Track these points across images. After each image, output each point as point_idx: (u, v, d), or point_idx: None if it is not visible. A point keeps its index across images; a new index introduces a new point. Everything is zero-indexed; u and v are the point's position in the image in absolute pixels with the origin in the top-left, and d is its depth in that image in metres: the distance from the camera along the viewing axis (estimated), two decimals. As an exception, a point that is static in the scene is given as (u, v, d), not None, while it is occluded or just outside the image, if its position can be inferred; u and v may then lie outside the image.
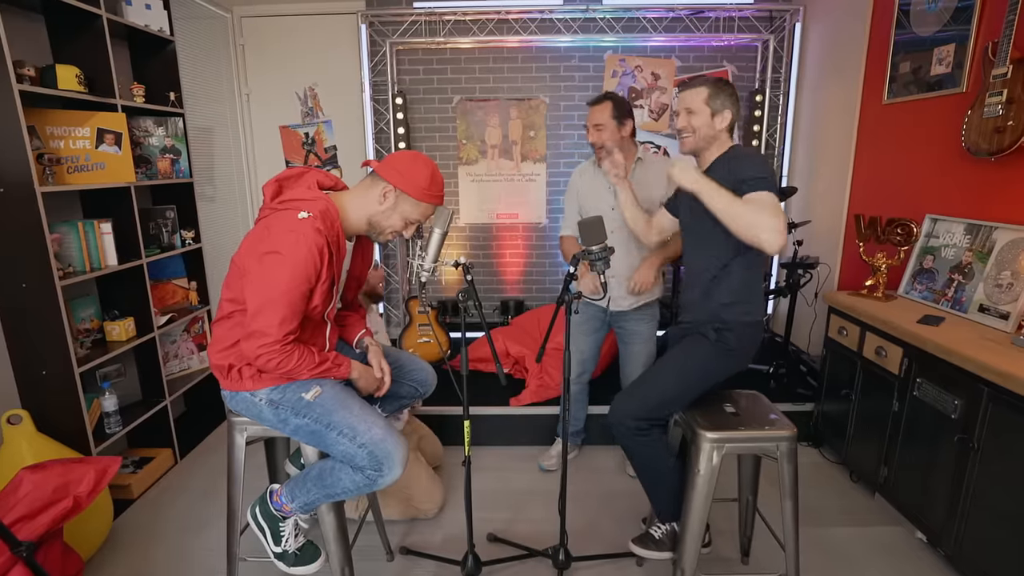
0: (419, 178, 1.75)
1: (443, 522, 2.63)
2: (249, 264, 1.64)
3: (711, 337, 2.03)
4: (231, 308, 1.75)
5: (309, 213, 1.62)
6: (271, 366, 1.65)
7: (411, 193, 1.75)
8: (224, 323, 1.77)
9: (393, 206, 1.77)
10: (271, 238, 1.60)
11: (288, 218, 1.62)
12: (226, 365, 1.76)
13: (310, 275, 1.62)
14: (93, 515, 2.32)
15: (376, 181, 1.77)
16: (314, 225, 1.61)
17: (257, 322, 1.60)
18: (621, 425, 2.03)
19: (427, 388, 2.18)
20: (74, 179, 2.62)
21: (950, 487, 2.18)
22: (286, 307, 1.60)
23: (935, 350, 2.23)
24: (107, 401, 2.70)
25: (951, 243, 2.65)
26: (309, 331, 1.77)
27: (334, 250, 1.68)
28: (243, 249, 1.69)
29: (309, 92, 4.34)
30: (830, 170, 3.74)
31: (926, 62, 2.88)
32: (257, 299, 1.61)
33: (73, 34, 2.67)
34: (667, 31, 4.09)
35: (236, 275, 1.72)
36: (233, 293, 1.73)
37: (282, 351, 1.63)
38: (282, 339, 1.62)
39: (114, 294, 2.94)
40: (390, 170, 1.75)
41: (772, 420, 1.99)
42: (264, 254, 1.60)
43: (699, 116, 2.02)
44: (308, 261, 1.60)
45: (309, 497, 1.82)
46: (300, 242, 1.58)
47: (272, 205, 1.70)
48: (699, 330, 2.08)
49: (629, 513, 2.66)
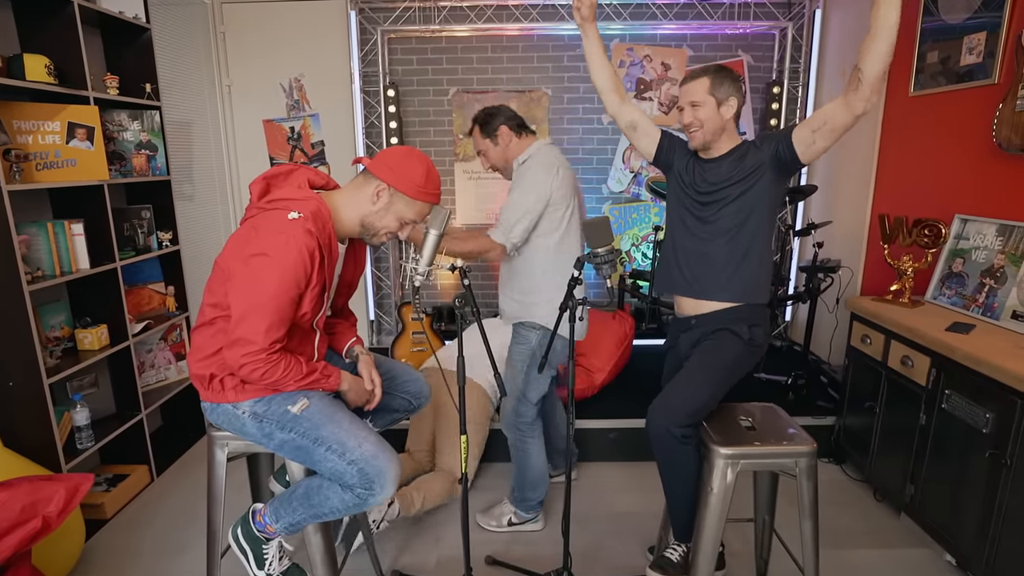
0: (414, 175, 1.76)
1: (438, 543, 2.64)
2: (234, 267, 1.64)
3: (744, 336, 2.06)
4: (214, 314, 1.75)
5: (300, 213, 1.62)
6: (255, 376, 1.65)
7: (406, 191, 1.76)
8: (205, 330, 1.77)
9: (387, 206, 1.78)
10: (258, 239, 1.61)
11: (277, 219, 1.62)
12: (207, 375, 1.76)
13: (299, 280, 1.62)
14: (63, 536, 2.32)
15: (368, 179, 1.78)
16: (305, 226, 1.61)
17: (241, 329, 1.61)
18: (667, 435, 2.00)
19: (421, 400, 2.18)
20: (43, 177, 2.63)
21: (981, 506, 2.19)
22: (273, 313, 1.61)
23: (965, 360, 2.24)
24: (78, 414, 2.71)
25: (982, 245, 2.66)
26: (297, 339, 1.78)
27: (326, 253, 1.68)
28: (228, 251, 1.70)
29: (295, 83, 4.35)
30: (853, 167, 3.75)
31: (955, 51, 2.90)
32: (242, 304, 1.61)
33: (42, 21, 2.68)
34: (678, 18, 4.11)
35: (219, 278, 1.72)
36: (216, 298, 1.74)
37: (267, 360, 1.64)
38: (268, 347, 1.62)
39: (86, 300, 2.95)
40: (383, 167, 1.76)
41: (790, 435, 1.99)
42: (251, 256, 1.60)
43: (704, 107, 2.04)
44: (298, 265, 1.60)
45: (294, 517, 1.82)
46: (290, 244, 1.59)
47: (260, 204, 1.70)
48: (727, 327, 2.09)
49: (636, 534, 2.66)
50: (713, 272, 2.11)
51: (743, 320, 2.08)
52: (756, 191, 2.01)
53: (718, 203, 2.07)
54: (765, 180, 2.00)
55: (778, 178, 2.02)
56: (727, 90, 2.03)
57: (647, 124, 2.28)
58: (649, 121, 2.28)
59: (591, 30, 2.20)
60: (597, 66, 2.26)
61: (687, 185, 2.16)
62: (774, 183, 2.02)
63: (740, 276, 2.08)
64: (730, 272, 2.08)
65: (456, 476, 2.73)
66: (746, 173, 2.01)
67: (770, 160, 1.98)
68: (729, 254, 2.08)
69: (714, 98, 2.03)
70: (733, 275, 2.08)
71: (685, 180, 2.17)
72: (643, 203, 4.48)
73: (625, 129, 2.31)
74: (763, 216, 2.05)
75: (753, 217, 2.04)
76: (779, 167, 1.98)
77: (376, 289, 4.58)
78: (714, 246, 2.10)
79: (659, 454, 2.10)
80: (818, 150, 1.91)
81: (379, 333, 4.66)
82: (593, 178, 4.48)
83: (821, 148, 1.91)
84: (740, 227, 2.05)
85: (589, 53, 2.24)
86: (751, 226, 2.04)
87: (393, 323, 4.61)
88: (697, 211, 2.14)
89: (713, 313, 2.13)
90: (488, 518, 2.76)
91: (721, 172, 2.06)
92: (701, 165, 2.13)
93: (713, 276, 2.11)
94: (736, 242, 2.07)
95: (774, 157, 1.97)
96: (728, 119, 2.06)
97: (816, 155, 1.94)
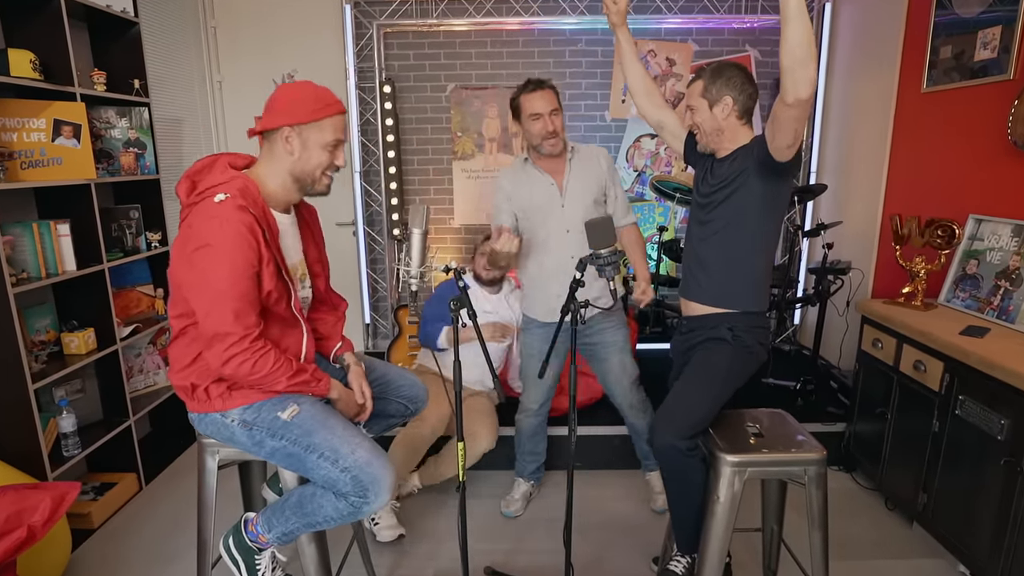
0: (302, 100, 1.74)
1: (435, 553, 2.64)
2: (182, 270, 1.64)
3: (727, 338, 2.10)
4: (181, 324, 1.75)
5: (227, 194, 1.62)
6: (244, 370, 1.65)
7: (306, 118, 1.74)
8: (178, 342, 1.78)
9: (303, 144, 1.76)
10: (195, 234, 1.60)
11: (206, 207, 1.62)
12: (189, 385, 1.77)
13: (250, 258, 1.61)
14: (49, 546, 2.32)
15: (271, 138, 1.76)
16: (235, 203, 1.61)
17: (210, 325, 1.61)
18: (672, 449, 2.02)
19: (418, 405, 2.19)
20: (28, 175, 2.63)
21: (996, 516, 2.19)
22: (236, 299, 1.60)
23: (979, 364, 2.24)
24: (65, 421, 2.71)
25: (997, 246, 2.66)
26: (278, 329, 1.78)
27: (265, 227, 1.67)
28: (173, 259, 1.70)
29: (288, 79, 4.35)
30: (863, 166, 3.76)
31: (969, 46, 2.90)
32: (203, 302, 1.61)
33: (27, 15, 2.68)
34: (683, 12, 4.12)
35: (176, 289, 1.73)
36: (179, 309, 1.74)
37: (253, 349, 1.64)
38: (246, 334, 1.62)
39: (72, 302, 2.95)
40: (273, 117, 1.74)
41: (799, 442, 2.00)
42: (193, 252, 1.59)
43: (699, 111, 2.10)
44: (241, 242, 1.59)
45: (288, 527, 1.82)
46: (225, 226, 1.58)
47: (188, 202, 1.69)
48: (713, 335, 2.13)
49: (640, 544, 2.67)
50: (704, 275, 2.17)
51: (725, 324, 2.12)
52: (743, 193, 2.03)
53: (712, 205, 2.11)
54: (752, 181, 2.01)
55: (767, 178, 1.99)
56: (719, 90, 2.04)
57: (675, 124, 2.35)
58: (677, 121, 2.35)
59: (622, 33, 2.33)
60: (628, 68, 2.38)
61: (696, 185, 2.21)
62: (763, 183, 2.00)
63: (725, 280, 2.12)
64: (716, 276, 2.13)
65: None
66: (735, 174, 2.03)
67: (753, 160, 1.99)
68: (717, 258, 2.12)
69: (706, 100, 2.06)
70: (718, 279, 2.13)
71: (698, 180, 2.22)
72: (648, 203, 4.47)
73: (655, 128, 2.43)
74: (755, 219, 2.06)
75: (742, 220, 2.06)
76: (762, 167, 1.97)
77: (372, 292, 4.58)
78: (707, 248, 2.15)
79: (665, 468, 2.13)
80: (779, 145, 1.87)
81: (375, 337, 4.66)
82: (596, 177, 4.46)
83: (781, 143, 1.86)
84: (729, 230, 2.08)
85: (621, 55, 2.37)
86: (740, 229, 2.07)
87: (389, 326, 4.61)
88: (699, 213, 2.20)
89: (699, 317, 2.19)
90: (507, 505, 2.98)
91: (720, 173, 2.10)
92: (712, 166, 2.17)
93: (704, 279, 2.17)
94: (725, 246, 2.10)
95: (755, 157, 1.98)
96: (724, 119, 2.07)
97: (781, 150, 1.88)
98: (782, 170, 1.96)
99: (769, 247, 2.15)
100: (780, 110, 1.79)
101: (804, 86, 1.70)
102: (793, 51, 1.67)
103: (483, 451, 2.96)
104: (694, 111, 2.11)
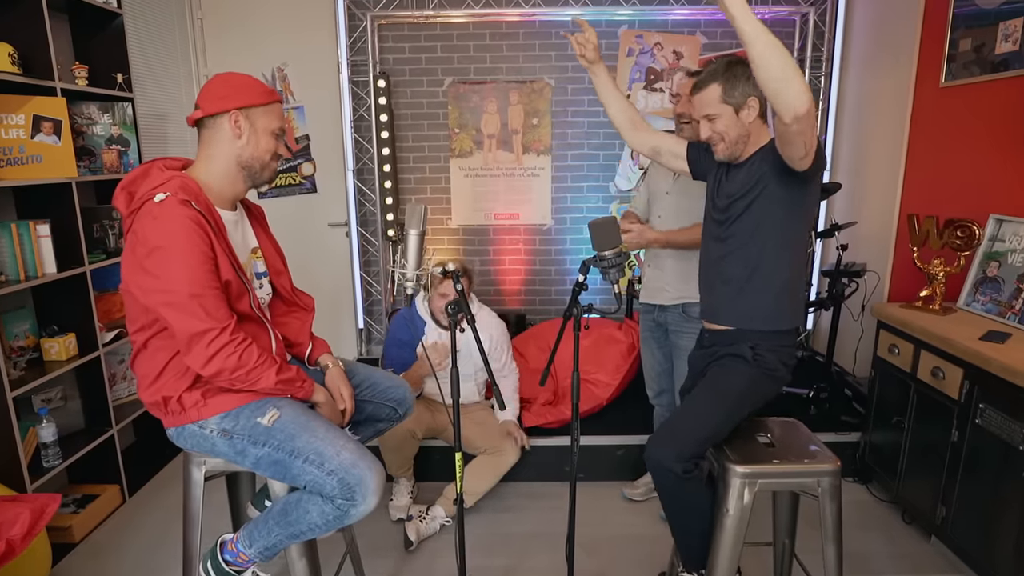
0: (250, 86, 1.78)
1: (432, 571, 2.64)
2: (137, 280, 1.64)
3: (748, 356, 2.03)
4: (143, 338, 1.75)
5: (166, 193, 1.63)
6: (231, 364, 1.65)
7: (254, 101, 1.77)
8: (141, 357, 1.78)
9: (251, 128, 1.78)
10: (141, 239, 1.61)
11: (148, 209, 1.62)
12: (160, 400, 1.77)
13: (204, 249, 1.62)
14: (28, 561, 2.32)
15: (214, 124, 1.77)
16: (177, 199, 1.61)
17: (184, 327, 1.61)
18: (666, 471, 1.96)
19: (406, 408, 2.20)
20: (6, 174, 2.64)
21: (1017, 529, 2.19)
22: (201, 295, 1.61)
23: (1000, 371, 2.24)
24: (44, 430, 2.71)
25: (1019, 247, 2.66)
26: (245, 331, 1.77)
27: (211, 221, 1.68)
28: (125, 271, 1.70)
29: (278, 74, 4.37)
30: (879, 164, 3.77)
31: (990, 38, 2.91)
32: (170, 307, 1.62)
33: (4, 6, 2.69)
34: (690, 3, 4.14)
35: (131, 303, 1.74)
36: (139, 322, 1.75)
37: (236, 342, 1.65)
38: (223, 327, 1.63)
39: (53, 306, 2.95)
40: (218, 101, 1.75)
41: (812, 452, 2.00)
42: (145, 258, 1.60)
43: (722, 119, 1.99)
44: (191, 235, 1.60)
45: (271, 539, 1.81)
46: (171, 223, 1.59)
47: (128, 211, 1.70)
48: (732, 351, 2.08)
49: (645, 560, 2.67)
50: (724, 291, 2.10)
51: (747, 341, 2.05)
52: (764, 202, 1.96)
53: (729, 220, 2.04)
54: (773, 187, 1.93)
55: (786, 183, 1.92)
56: (744, 91, 1.95)
57: (671, 143, 2.32)
58: (672, 139, 2.32)
59: (599, 70, 2.30)
60: (609, 104, 2.36)
61: (711, 197, 2.14)
62: (785, 189, 1.93)
63: (745, 298, 2.05)
64: (735, 293, 2.06)
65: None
66: (753, 182, 1.96)
67: (770, 165, 1.92)
68: (736, 273, 2.05)
69: (730, 105, 1.96)
70: (738, 296, 2.06)
71: (711, 191, 2.15)
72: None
73: (651, 156, 2.38)
74: (776, 229, 1.98)
75: (762, 231, 1.98)
76: (780, 171, 1.90)
77: (365, 295, 4.59)
78: (726, 265, 2.09)
79: (658, 487, 2.09)
80: (791, 157, 1.82)
81: (368, 342, 4.67)
82: (599, 175, 4.50)
83: (793, 156, 1.81)
84: (748, 243, 2.01)
85: (600, 94, 2.35)
86: (760, 241, 1.99)
87: (384, 331, 4.61)
88: (715, 230, 2.12)
89: (720, 332, 2.13)
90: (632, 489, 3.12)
91: (738, 180, 2.02)
92: (727, 173, 2.09)
93: (723, 295, 2.11)
94: (744, 260, 2.03)
95: (772, 162, 1.91)
96: (751, 122, 1.98)
97: (794, 161, 1.82)
98: (804, 176, 1.89)
99: (798, 256, 2.06)
100: (782, 129, 1.74)
101: (797, 102, 1.64)
102: (768, 72, 1.63)
103: (512, 464, 3.02)
104: (714, 120, 1.99)
